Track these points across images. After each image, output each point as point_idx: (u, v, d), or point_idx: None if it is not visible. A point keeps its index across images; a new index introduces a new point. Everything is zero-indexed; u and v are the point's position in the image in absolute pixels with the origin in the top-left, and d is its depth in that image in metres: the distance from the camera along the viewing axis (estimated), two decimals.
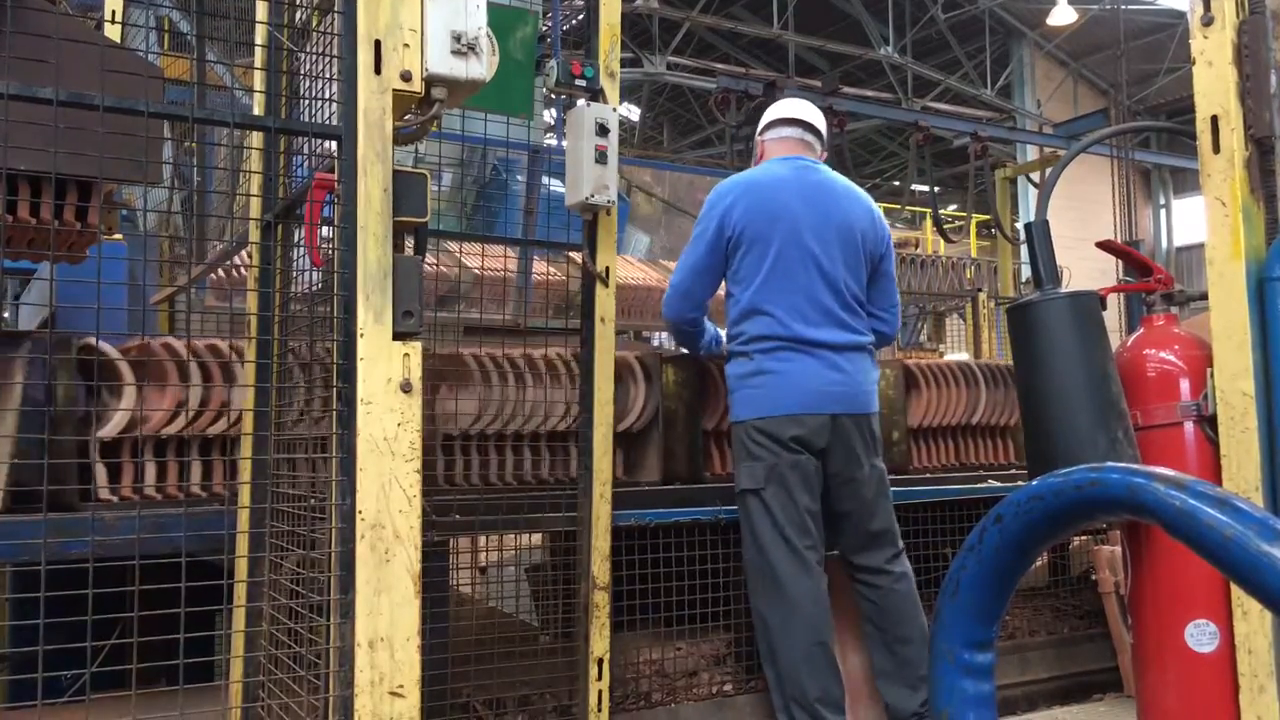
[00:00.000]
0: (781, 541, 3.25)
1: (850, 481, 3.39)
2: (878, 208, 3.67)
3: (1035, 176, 10.33)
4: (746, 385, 3.37)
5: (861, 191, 3.64)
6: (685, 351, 3.82)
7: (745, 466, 3.33)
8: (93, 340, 2.92)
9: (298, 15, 2.73)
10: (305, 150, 2.60)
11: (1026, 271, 10.71)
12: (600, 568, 3.09)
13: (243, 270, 5.10)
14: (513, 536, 3.58)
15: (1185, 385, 3.21)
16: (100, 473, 2.96)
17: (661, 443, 3.69)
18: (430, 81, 2.06)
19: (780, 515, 3.26)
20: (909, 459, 4.29)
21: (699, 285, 3.51)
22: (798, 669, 3.22)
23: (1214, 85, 2.91)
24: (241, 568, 2.67)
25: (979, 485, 4.28)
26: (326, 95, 2.35)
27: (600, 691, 3.08)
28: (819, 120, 3.68)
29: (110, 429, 2.95)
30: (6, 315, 5.79)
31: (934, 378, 4.36)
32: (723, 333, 3.72)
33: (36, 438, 2.64)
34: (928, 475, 4.33)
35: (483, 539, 3.50)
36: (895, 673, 3.40)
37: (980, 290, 9.97)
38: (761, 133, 3.69)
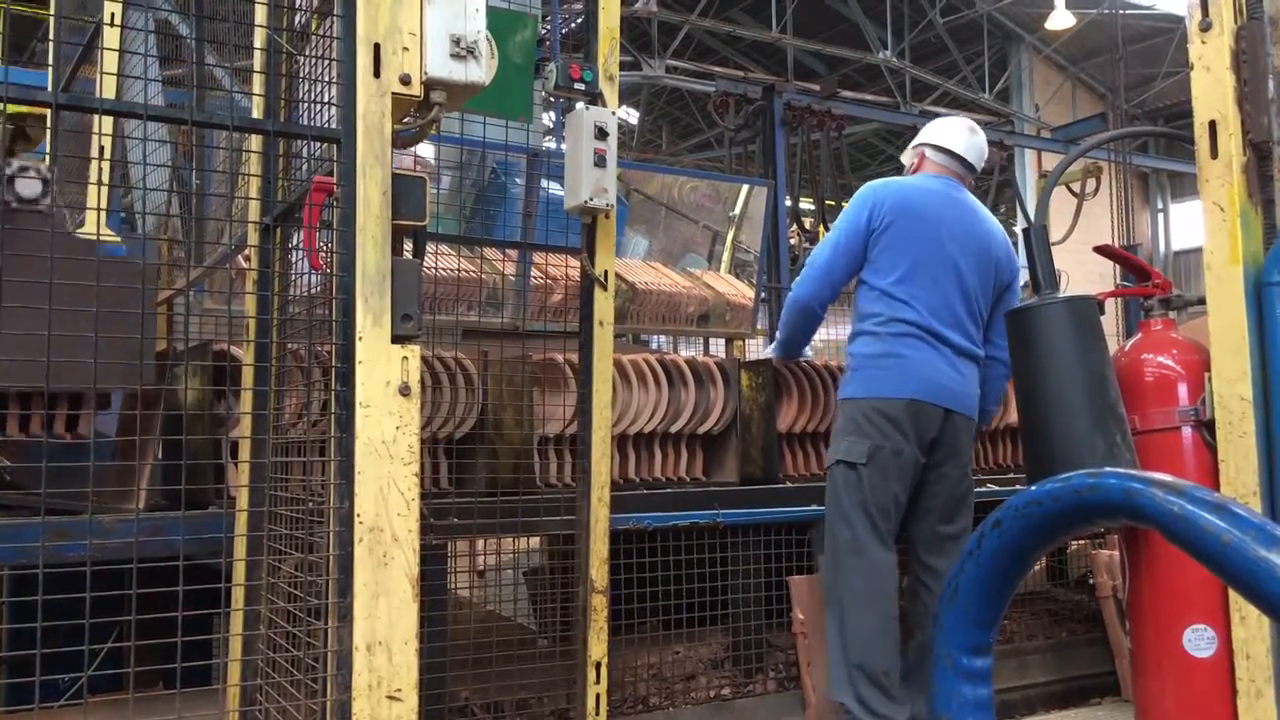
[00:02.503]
0: (865, 516, 3.32)
1: (946, 479, 3.48)
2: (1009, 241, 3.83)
3: (1075, 186, 10.47)
4: (873, 365, 3.43)
5: (998, 223, 3.79)
6: (782, 355, 3.94)
7: (849, 440, 3.38)
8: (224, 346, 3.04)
9: (297, 18, 2.73)
10: (304, 153, 2.60)
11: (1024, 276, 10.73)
12: (598, 571, 3.09)
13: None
14: (511, 540, 3.58)
15: (1183, 390, 3.21)
16: (232, 472, 3.03)
17: (739, 445, 3.92)
18: (429, 85, 2.06)
19: (870, 494, 3.33)
20: None
21: (840, 266, 3.57)
22: (870, 638, 3.25)
23: (1212, 90, 2.92)
24: (240, 571, 2.66)
25: (978, 489, 4.28)
26: (326, 98, 2.35)
27: (598, 695, 3.08)
28: (982, 160, 3.79)
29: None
30: None
31: None
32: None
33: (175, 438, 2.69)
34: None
35: (481, 542, 3.51)
36: (923, 681, 3.39)
37: None
38: (926, 142, 3.76)
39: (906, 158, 3.84)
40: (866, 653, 3.24)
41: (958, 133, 3.75)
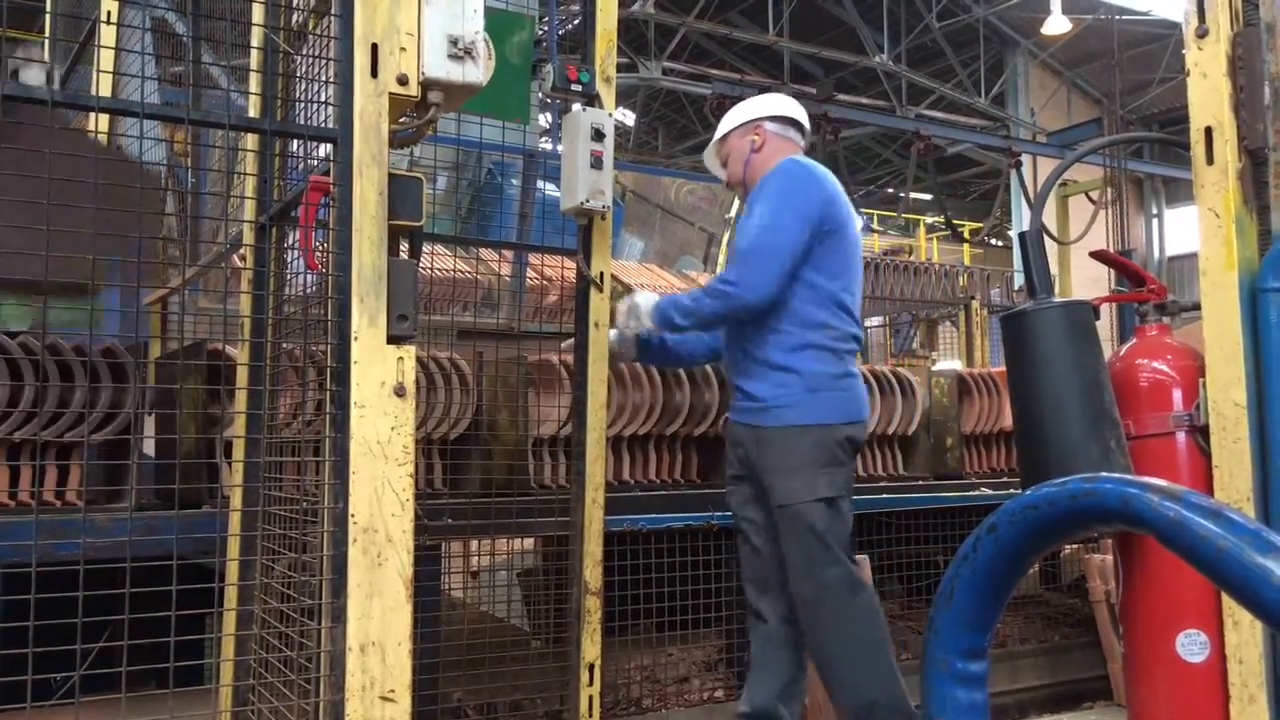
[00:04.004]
0: (847, 551, 3.08)
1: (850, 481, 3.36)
2: None
3: (1094, 194, 10.60)
4: (836, 386, 3.12)
5: None
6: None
7: (827, 473, 3.06)
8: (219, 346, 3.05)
9: (294, 18, 2.73)
10: (301, 153, 2.60)
11: (1019, 279, 10.79)
12: (592, 573, 3.09)
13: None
14: (505, 541, 3.58)
15: (1178, 395, 3.22)
16: (225, 471, 3.04)
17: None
18: (427, 85, 2.06)
19: (849, 524, 3.12)
20: (962, 464, 4.52)
21: (795, 267, 3.10)
22: (896, 678, 3.00)
23: (1208, 97, 2.93)
24: (233, 571, 2.66)
25: (972, 493, 4.31)
26: (323, 98, 2.35)
27: (591, 697, 3.08)
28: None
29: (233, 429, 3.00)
30: None
31: (985, 386, 4.62)
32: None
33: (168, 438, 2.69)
34: (971, 480, 4.55)
35: (475, 543, 3.50)
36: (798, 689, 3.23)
37: (973, 298, 10.00)
38: (767, 121, 3.34)
39: (741, 144, 3.34)
40: (898, 694, 2.99)
41: (793, 102, 3.42)
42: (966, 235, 12.55)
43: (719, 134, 3.42)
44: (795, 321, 3.10)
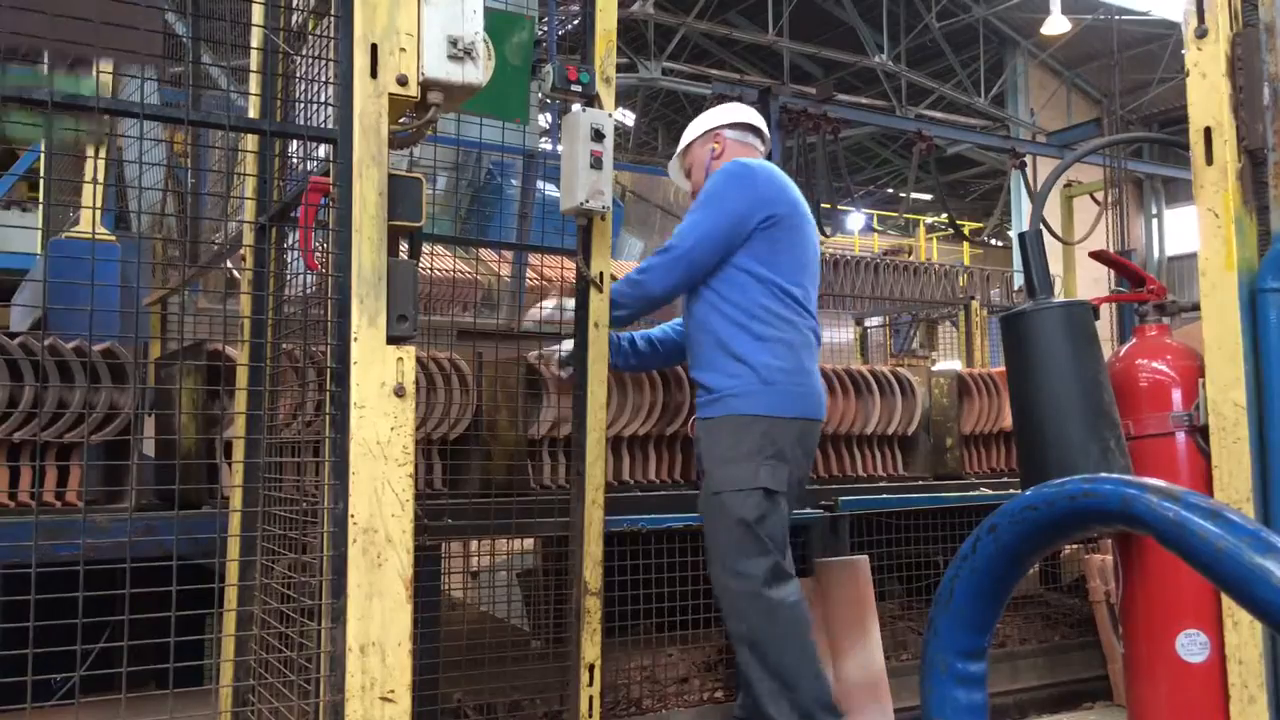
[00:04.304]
0: (781, 545, 3.15)
1: (803, 482, 3.37)
2: None
3: (1099, 195, 10.64)
4: (790, 381, 3.16)
5: None
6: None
7: (769, 465, 3.10)
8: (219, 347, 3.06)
9: (294, 18, 2.73)
10: (300, 153, 2.60)
11: (1019, 280, 10.81)
12: (592, 573, 3.09)
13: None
14: (505, 541, 3.58)
15: (1177, 395, 3.22)
16: (225, 472, 3.04)
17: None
18: (426, 86, 2.06)
19: (785, 523, 3.18)
20: (961, 464, 4.51)
21: (708, 257, 3.22)
22: (818, 673, 3.11)
23: (1207, 97, 2.93)
24: (232, 571, 2.66)
25: (972, 494, 4.31)
26: (322, 99, 2.35)
27: (591, 697, 3.08)
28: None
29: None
30: None
31: (985, 386, 4.62)
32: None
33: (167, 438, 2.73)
34: (971, 480, 4.54)
35: (475, 544, 3.50)
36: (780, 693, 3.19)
37: (973, 298, 10.01)
38: (726, 129, 3.50)
39: (702, 152, 3.50)
40: (821, 687, 3.09)
41: (747, 109, 3.57)
42: (966, 234, 12.55)
43: (681, 146, 3.60)
44: (748, 314, 3.18)
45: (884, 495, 4.12)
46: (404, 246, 2.13)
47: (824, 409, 3.30)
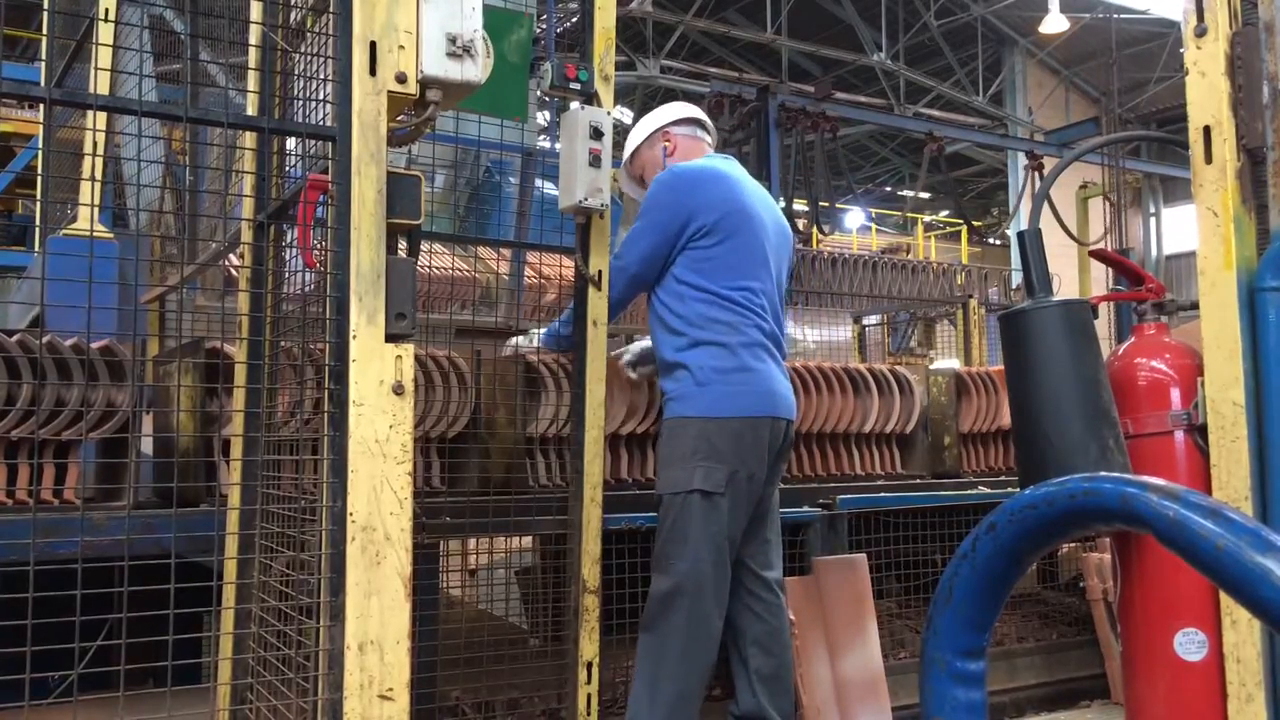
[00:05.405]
0: (714, 549, 3.05)
1: (774, 485, 3.32)
2: None
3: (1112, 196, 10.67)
4: (724, 380, 3.12)
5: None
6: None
7: (704, 466, 3.06)
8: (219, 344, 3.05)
9: (292, 16, 2.73)
10: (299, 151, 2.60)
11: (1017, 278, 10.82)
12: (590, 571, 3.09)
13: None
14: (503, 539, 3.58)
15: (1176, 394, 3.22)
16: (224, 469, 3.04)
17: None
18: (425, 83, 2.06)
19: (727, 527, 3.08)
20: (959, 463, 4.52)
21: (646, 272, 3.26)
22: (690, 704, 3.03)
23: (1207, 96, 2.93)
24: (231, 569, 2.66)
25: (970, 492, 4.31)
26: (321, 96, 2.35)
27: (589, 695, 3.08)
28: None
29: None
30: None
31: (983, 384, 4.63)
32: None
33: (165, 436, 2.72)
34: (969, 479, 4.55)
35: (473, 541, 3.50)
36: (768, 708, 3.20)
37: (971, 296, 10.01)
38: (672, 127, 3.51)
39: (654, 154, 3.51)
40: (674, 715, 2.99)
41: (688, 105, 3.59)
42: (966, 233, 12.55)
43: (627, 153, 3.60)
44: (685, 322, 3.19)
45: (882, 494, 4.12)
46: (403, 244, 2.13)
47: (781, 405, 3.22)
